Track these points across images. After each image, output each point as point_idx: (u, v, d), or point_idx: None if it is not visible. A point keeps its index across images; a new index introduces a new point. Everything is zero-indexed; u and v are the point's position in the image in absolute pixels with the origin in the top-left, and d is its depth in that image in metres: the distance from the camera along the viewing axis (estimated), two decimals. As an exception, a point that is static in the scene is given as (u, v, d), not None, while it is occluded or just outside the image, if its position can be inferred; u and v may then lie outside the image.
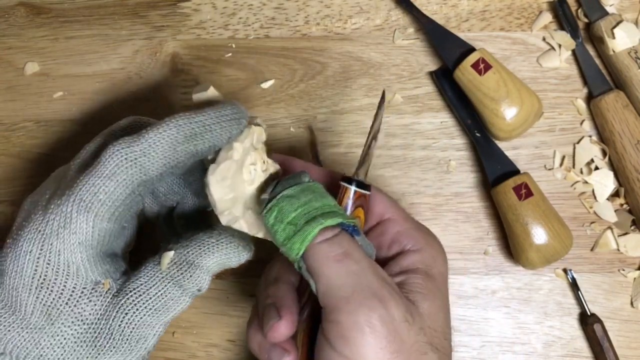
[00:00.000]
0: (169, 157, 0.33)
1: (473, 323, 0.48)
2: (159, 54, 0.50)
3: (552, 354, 0.47)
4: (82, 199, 0.33)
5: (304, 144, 0.49)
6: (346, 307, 0.30)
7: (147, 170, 0.33)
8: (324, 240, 0.32)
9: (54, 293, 0.33)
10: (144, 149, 0.33)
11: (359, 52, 0.50)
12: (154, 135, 0.33)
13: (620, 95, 0.48)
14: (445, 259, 0.37)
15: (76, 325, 0.34)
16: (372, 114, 0.49)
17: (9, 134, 0.50)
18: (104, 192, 0.33)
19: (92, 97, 0.50)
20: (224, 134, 0.34)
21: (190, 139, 0.33)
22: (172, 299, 0.35)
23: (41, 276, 0.33)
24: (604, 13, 0.49)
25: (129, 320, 0.34)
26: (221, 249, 0.35)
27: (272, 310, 0.33)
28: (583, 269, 0.48)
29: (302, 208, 0.32)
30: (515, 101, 0.45)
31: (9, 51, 0.50)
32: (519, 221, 0.45)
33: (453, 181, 0.49)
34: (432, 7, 0.51)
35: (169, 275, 0.35)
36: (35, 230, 0.33)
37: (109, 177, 0.33)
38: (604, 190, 0.48)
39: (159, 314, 0.35)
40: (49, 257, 0.33)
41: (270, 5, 0.51)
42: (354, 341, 0.30)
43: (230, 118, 0.34)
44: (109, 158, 0.33)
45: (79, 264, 0.33)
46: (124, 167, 0.33)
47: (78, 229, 0.33)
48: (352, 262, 0.31)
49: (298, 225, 0.32)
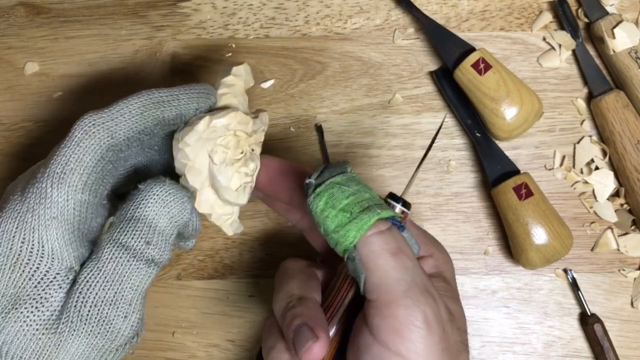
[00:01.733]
0: (136, 122, 0.34)
1: (473, 323, 0.48)
2: (159, 54, 0.50)
3: (552, 354, 0.47)
4: (55, 172, 0.32)
5: (303, 144, 0.49)
6: (404, 301, 0.30)
7: (114, 133, 0.33)
8: (379, 232, 0.31)
9: (25, 274, 0.32)
10: (112, 114, 0.33)
11: (359, 52, 0.50)
12: (122, 104, 0.34)
13: (621, 95, 0.48)
14: (451, 261, 0.37)
15: (39, 310, 0.33)
16: (372, 114, 0.49)
17: (9, 134, 0.49)
18: (74, 160, 0.33)
19: (92, 97, 0.50)
20: (191, 103, 0.35)
21: (158, 105, 0.34)
22: (123, 266, 0.33)
23: (15, 254, 0.32)
24: (604, 13, 0.49)
25: (83, 298, 0.32)
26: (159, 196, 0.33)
27: (306, 331, 0.32)
28: (583, 269, 0.48)
29: (354, 197, 0.31)
30: (515, 101, 0.45)
31: (8, 51, 0.50)
32: (519, 221, 0.45)
33: (453, 181, 0.49)
34: (432, 7, 0.51)
35: (113, 239, 0.33)
36: (13, 210, 0.33)
37: (77, 144, 0.33)
38: (604, 190, 0.48)
39: (114, 287, 0.32)
40: (24, 235, 0.32)
41: (270, 5, 0.51)
42: (409, 336, 0.29)
43: (198, 92, 0.35)
44: (77, 127, 0.33)
45: (53, 241, 0.32)
46: (91, 132, 0.33)
47: (53, 202, 0.32)
48: (406, 258, 0.31)
49: (353, 213, 0.31)
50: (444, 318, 0.31)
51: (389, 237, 0.31)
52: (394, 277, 0.30)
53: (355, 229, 0.31)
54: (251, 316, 0.48)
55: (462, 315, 0.34)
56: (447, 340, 0.30)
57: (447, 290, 0.34)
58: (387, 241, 0.31)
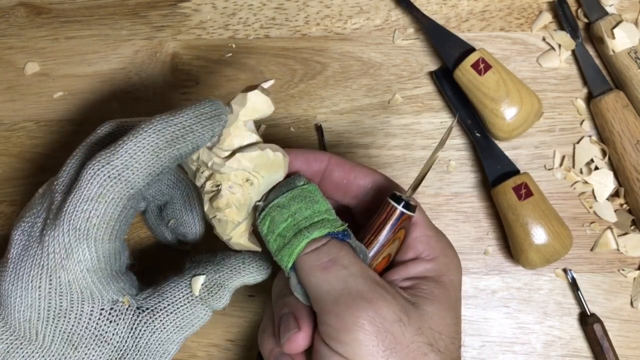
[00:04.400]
0: (152, 166, 0.32)
1: (473, 323, 0.48)
2: (159, 54, 0.50)
3: (552, 353, 0.47)
4: (77, 228, 0.32)
5: (303, 144, 0.49)
6: (334, 309, 0.31)
7: (134, 184, 0.32)
8: (313, 250, 0.32)
9: (73, 320, 0.33)
10: (126, 162, 0.31)
11: (359, 52, 0.50)
12: (134, 145, 0.32)
13: (620, 95, 0.48)
14: (459, 268, 0.36)
15: (100, 346, 0.34)
16: (372, 114, 0.50)
17: (9, 134, 0.50)
18: (96, 216, 0.32)
19: (92, 97, 0.50)
20: (205, 133, 0.33)
21: (172, 143, 0.32)
22: (198, 317, 0.36)
23: (57, 307, 0.33)
24: (603, 13, 0.49)
25: (157, 337, 0.35)
26: (248, 270, 0.37)
27: (290, 320, 0.33)
28: (583, 269, 0.48)
29: (292, 219, 0.33)
30: (515, 101, 0.45)
31: (9, 51, 0.50)
32: (519, 221, 0.45)
33: (453, 181, 0.49)
34: (432, 7, 0.51)
35: (200, 297, 0.36)
36: (38, 265, 0.33)
37: (96, 200, 0.31)
38: (604, 190, 0.48)
39: (184, 331, 0.36)
40: (60, 290, 0.33)
41: (270, 5, 0.51)
42: (345, 340, 0.30)
43: (210, 116, 0.33)
44: (91, 179, 0.31)
45: (91, 288, 0.33)
46: (109, 186, 0.31)
47: (82, 257, 0.32)
48: (339, 268, 0.32)
49: (287, 237, 0.33)
50: (388, 319, 0.31)
51: (323, 253, 0.32)
52: (324, 290, 0.32)
53: (287, 254, 0.33)
54: (251, 316, 0.48)
55: (444, 317, 0.33)
56: (391, 341, 0.30)
57: (431, 292, 0.34)
58: (319, 257, 0.32)
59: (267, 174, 0.34)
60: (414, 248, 0.36)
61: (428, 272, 0.35)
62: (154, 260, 0.47)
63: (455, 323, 0.34)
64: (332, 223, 0.33)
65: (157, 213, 0.43)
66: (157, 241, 0.48)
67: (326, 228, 0.33)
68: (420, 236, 0.36)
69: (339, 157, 0.37)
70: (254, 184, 0.34)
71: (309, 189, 0.34)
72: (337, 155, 0.37)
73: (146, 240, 0.48)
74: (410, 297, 0.33)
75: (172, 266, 0.39)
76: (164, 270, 0.39)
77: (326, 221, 0.33)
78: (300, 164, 0.36)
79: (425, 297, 0.33)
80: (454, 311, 0.34)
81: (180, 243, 0.44)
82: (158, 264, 0.46)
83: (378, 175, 0.37)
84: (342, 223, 0.34)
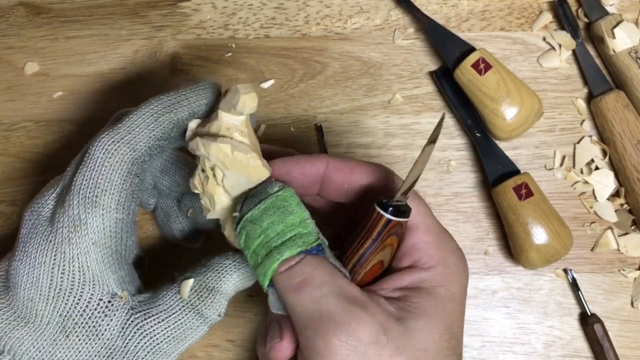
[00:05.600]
0: (153, 129, 0.35)
1: (473, 323, 0.48)
2: (159, 54, 0.50)
3: (552, 354, 0.47)
4: (86, 196, 0.33)
5: (303, 144, 0.49)
6: (306, 332, 0.30)
7: (135, 146, 0.34)
8: (285, 271, 0.31)
9: (70, 303, 0.33)
10: (128, 128, 0.34)
11: (359, 52, 0.50)
12: (135, 115, 0.35)
13: (621, 95, 0.48)
14: (462, 278, 0.34)
15: (91, 339, 0.34)
16: (372, 114, 0.49)
17: (9, 134, 0.49)
18: (103, 181, 0.33)
19: (92, 97, 0.50)
20: (200, 100, 0.36)
21: (170, 108, 0.35)
22: (191, 328, 0.35)
23: (57, 286, 0.33)
24: (604, 13, 0.49)
25: (145, 343, 0.34)
26: (239, 271, 0.36)
27: (275, 329, 0.33)
28: (583, 269, 0.48)
29: (264, 235, 0.32)
30: (515, 101, 0.45)
31: (8, 51, 0.50)
32: (519, 221, 0.45)
33: (453, 181, 0.49)
34: (432, 7, 0.51)
35: (190, 303, 0.35)
36: (46, 241, 0.33)
37: (102, 165, 0.33)
38: (604, 190, 0.48)
39: (176, 342, 0.35)
40: (63, 266, 0.33)
41: (270, 5, 0.51)
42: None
43: (204, 87, 0.37)
44: (95, 147, 0.34)
45: (94, 267, 0.33)
46: (113, 150, 0.33)
47: (89, 228, 0.33)
48: (311, 289, 0.31)
49: (260, 256, 0.32)
50: (364, 340, 0.30)
51: (295, 273, 0.31)
52: (297, 312, 0.31)
53: (262, 274, 0.32)
54: (251, 316, 0.48)
55: (431, 332, 0.31)
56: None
57: (420, 307, 0.32)
58: (291, 278, 0.31)
59: (234, 173, 0.33)
60: (410, 255, 0.34)
61: (423, 282, 0.33)
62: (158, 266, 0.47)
63: (447, 339, 0.32)
64: (306, 238, 0.32)
65: (174, 207, 0.43)
66: (161, 246, 0.48)
67: (298, 246, 0.31)
68: (417, 242, 0.34)
69: (337, 160, 0.35)
70: (216, 176, 0.33)
71: (283, 196, 0.32)
72: (335, 158, 0.36)
73: (150, 242, 0.48)
74: (396, 311, 0.32)
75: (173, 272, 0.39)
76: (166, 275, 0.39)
77: (299, 237, 0.32)
78: (297, 174, 0.35)
79: (412, 311, 0.32)
80: (446, 326, 0.32)
81: (192, 239, 0.44)
82: (162, 270, 0.46)
83: (380, 173, 0.35)
84: (316, 237, 0.32)
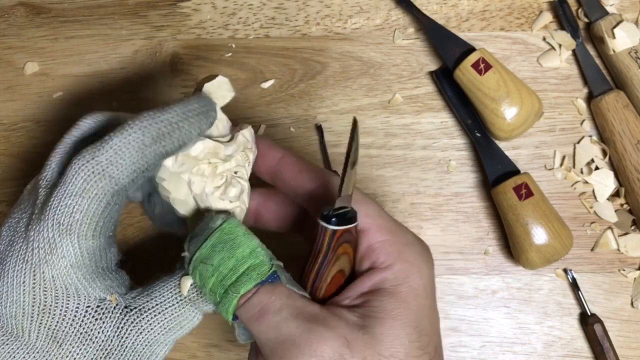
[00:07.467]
0: (137, 163, 0.32)
1: (473, 323, 0.48)
2: (159, 54, 0.50)
3: (552, 354, 0.47)
4: (60, 222, 0.32)
5: (303, 144, 0.49)
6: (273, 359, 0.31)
7: (118, 180, 0.32)
8: (244, 303, 0.32)
9: (57, 316, 0.33)
10: (110, 158, 0.31)
11: (359, 52, 0.50)
12: (119, 142, 0.31)
13: (621, 95, 0.48)
14: (424, 269, 0.33)
15: (85, 345, 0.33)
16: (372, 114, 0.49)
17: (9, 134, 0.49)
18: (79, 211, 0.31)
19: (91, 97, 0.50)
20: (192, 130, 0.32)
21: (158, 139, 0.32)
22: (187, 319, 0.35)
23: (41, 303, 0.33)
24: (604, 13, 0.49)
25: (143, 338, 0.34)
26: None
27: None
28: (583, 269, 0.48)
29: (217, 273, 0.32)
30: (515, 101, 0.45)
31: (8, 51, 0.50)
32: (519, 221, 0.45)
33: (453, 181, 0.49)
34: (432, 7, 0.51)
35: (188, 298, 0.35)
36: (22, 261, 0.32)
37: (80, 195, 0.31)
38: (604, 190, 0.48)
39: (172, 333, 0.35)
40: (45, 285, 0.32)
41: (270, 5, 0.51)
42: None
43: (198, 112, 0.33)
44: (75, 174, 0.31)
45: (76, 284, 0.33)
46: (93, 182, 0.31)
47: (65, 252, 0.32)
48: (269, 316, 0.31)
49: (218, 294, 0.32)
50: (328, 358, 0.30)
51: (253, 304, 0.32)
52: (261, 341, 0.31)
53: (224, 311, 0.32)
54: (251, 316, 0.48)
55: (397, 336, 0.31)
56: None
57: (382, 310, 0.31)
58: (250, 309, 0.32)
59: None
60: (368, 258, 0.33)
61: (384, 283, 0.32)
62: (148, 260, 0.47)
63: (416, 339, 0.31)
64: (259, 269, 0.32)
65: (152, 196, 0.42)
66: (151, 240, 0.48)
67: (253, 280, 0.32)
68: (373, 243, 0.33)
69: (293, 156, 0.35)
70: None
71: (228, 228, 0.32)
72: (293, 154, 0.36)
73: (139, 238, 0.48)
74: (359, 319, 0.31)
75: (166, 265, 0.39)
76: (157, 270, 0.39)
77: (252, 269, 0.32)
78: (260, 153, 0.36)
79: (375, 316, 0.31)
80: (413, 325, 0.31)
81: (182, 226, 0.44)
82: (151, 263, 0.46)
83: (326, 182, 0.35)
84: (269, 266, 0.32)
